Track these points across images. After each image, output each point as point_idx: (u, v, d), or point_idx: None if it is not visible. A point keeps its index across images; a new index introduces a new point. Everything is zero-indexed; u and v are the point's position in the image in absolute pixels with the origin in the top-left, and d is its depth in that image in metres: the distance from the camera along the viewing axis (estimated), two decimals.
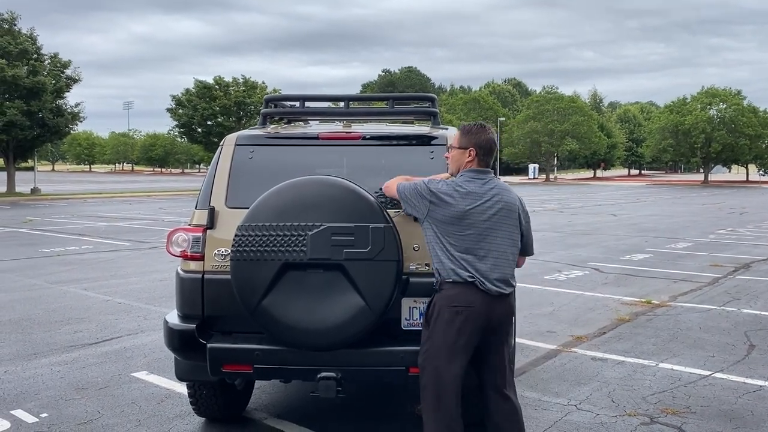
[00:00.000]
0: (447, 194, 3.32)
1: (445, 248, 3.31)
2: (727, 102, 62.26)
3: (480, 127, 3.50)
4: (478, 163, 3.44)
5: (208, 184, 3.99)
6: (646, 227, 19.03)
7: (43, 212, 25.48)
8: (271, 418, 4.71)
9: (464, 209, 3.30)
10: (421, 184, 3.41)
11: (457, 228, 3.30)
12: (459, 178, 3.42)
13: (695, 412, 4.79)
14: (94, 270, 11.34)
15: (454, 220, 3.30)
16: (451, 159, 3.52)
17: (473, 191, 3.35)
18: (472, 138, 3.45)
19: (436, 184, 3.38)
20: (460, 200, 3.31)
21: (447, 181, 3.41)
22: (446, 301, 3.28)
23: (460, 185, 3.36)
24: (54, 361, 6.05)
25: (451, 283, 3.28)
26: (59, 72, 38.17)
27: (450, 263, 3.29)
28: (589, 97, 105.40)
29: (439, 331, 3.28)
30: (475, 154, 3.42)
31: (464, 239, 3.29)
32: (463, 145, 3.46)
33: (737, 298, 8.80)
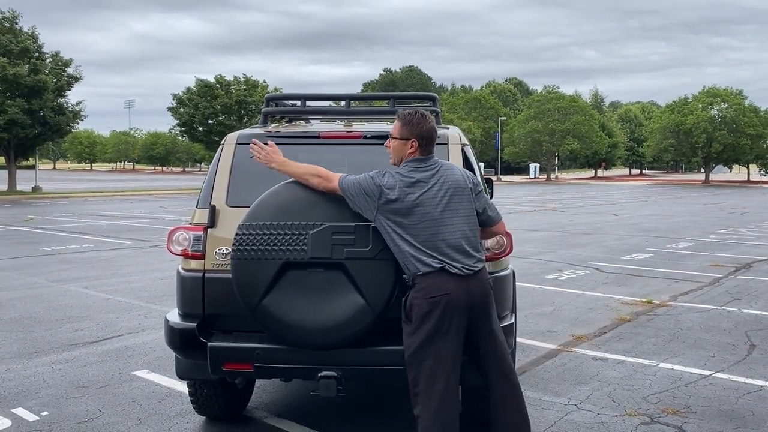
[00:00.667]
0: (393, 187, 3.30)
1: (407, 241, 3.28)
2: (729, 102, 62.19)
3: (420, 116, 3.44)
4: (420, 153, 3.41)
5: (209, 182, 3.99)
6: (646, 227, 19.02)
7: (44, 211, 25.49)
8: (271, 416, 4.72)
9: (413, 199, 3.28)
10: (365, 179, 3.37)
11: (411, 219, 3.28)
12: (402, 169, 3.38)
13: (696, 412, 4.79)
14: (95, 268, 11.35)
15: (407, 211, 3.28)
16: (393, 150, 3.48)
17: (419, 180, 3.33)
18: (413, 129, 3.40)
19: (380, 179, 3.34)
20: (408, 191, 3.29)
21: (391, 173, 3.37)
22: (422, 294, 3.25)
23: (405, 176, 3.34)
24: (54, 360, 6.06)
25: (422, 275, 3.26)
26: (60, 70, 38.20)
27: (415, 255, 3.26)
28: (590, 97, 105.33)
29: (420, 325, 3.25)
30: (417, 145, 3.39)
31: (422, 229, 3.27)
32: (404, 135, 3.42)
33: (738, 298, 8.80)
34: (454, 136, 4.08)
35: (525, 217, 22.48)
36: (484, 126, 73.57)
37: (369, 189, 3.33)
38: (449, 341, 3.25)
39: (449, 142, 4.01)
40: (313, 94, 4.86)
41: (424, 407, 3.25)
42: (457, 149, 3.99)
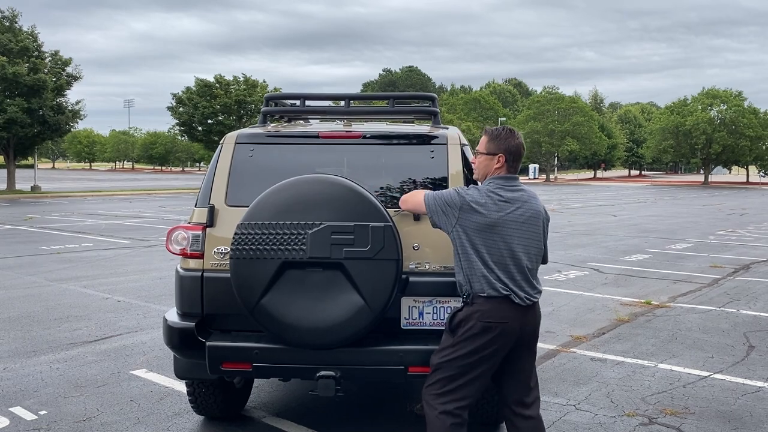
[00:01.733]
0: (478, 203, 3.21)
1: (482, 258, 3.19)
2: (728, 103, 62.24)
3: (509, 132, 3.35)
4: (507, 170, 3.31)
5: (208, 182, 3.98)
6: (646, 228, 19.03)
7: (43, 210, 25.48)
8: (269, 416, 4.71)
9: (497, 218, 3.19)
10: (450, 192, 3.30)
11: (488, 237, 3.18)
12: (489, 185, 3.28)
13: (694, 413, 4.79)
14: (94, 268, 11.34)
15: (487, 228, 3.18)
16: (478, 165, 3.38)
17: (507, 199, 3.24)
18: (501, 143, 3.31)
19: (466, 191, 3.26)
20: (494, 208, 3.20)
21: (478, 188, 3.29)
22: (478, 315, 3.18)
23: (493, 192, 3.24)
24: (53, 359, 6.05)
25: (485, 297, 3.18)
26: (60, 69, 38.16)
27: (486, 275, 3.18)
28: (590, 98, 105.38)
29: (466, 342, 3.20)
30: (504, 160, 3.29)
31: (497, 249, 3.18)
32: (492, 150, 3.32)
33: (737, 299, 8.80)
34: (453, 136, 4.08)
35: None
36: (483, 126, 73.51)
37: (451, 199, 3.25)
38: (486, 363, 3.23)
39: (449, 143, 4.00)
40: (312, 93, 4.85)
41: (435, 408, 3.25)
42: (457, 149, 3.99)
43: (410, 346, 3.62)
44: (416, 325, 3.76)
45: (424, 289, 3.73)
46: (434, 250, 3.76)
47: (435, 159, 3.95)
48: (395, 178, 3.93)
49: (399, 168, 3.98)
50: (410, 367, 3.60)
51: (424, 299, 3.75)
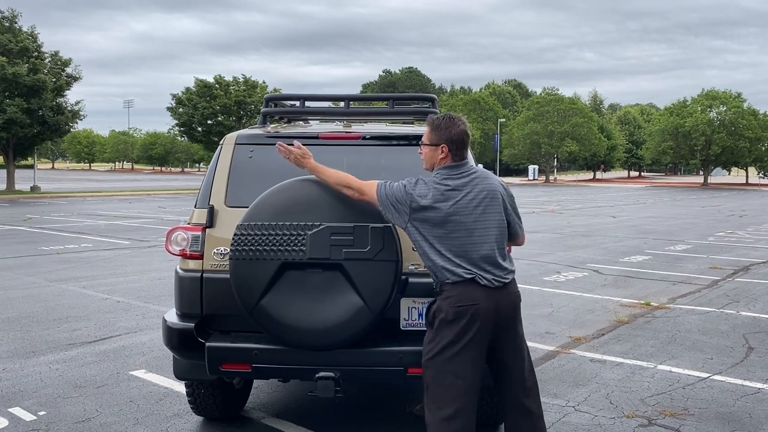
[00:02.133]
0: (425, 196, 3.20)
1: (437, 251, 3.19)
2: (727, 104, 62.29)
3: (449, 119, 3.32)
4: (452, 158, 3.30)
5: (208, 183, 3.99)
6: (645, 229, 19.03)
7: (42, 210, 25.47)
8: (269, 417, 4.71)
9: (447, 208, 3.18)
10: (398, 188, 3.27)
11: (444, 229, 3.18)
12: (435, 176, 3.27)
13: (693, 414, 4.79)
14: (93, 268, 11.34)
15: (440, 220, 3.18)
16: (424, 156, 3.39)
17: (454, 187, 3.22)
18: (442, 133, 3.29)
19: (412, 187, 3.24)
20: (441, 198, 3.19)
21: (424, 180, 3.27)
22: (448, 302, 3.16)
23: (439, 183, 3.23)
24: (52, 359, 6.05)
25: (451, 284, 3.17)
26: (60, 70, 38.17)
27: (444, 264, 3.18)
28: (590, 99, 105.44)
29: (444, 332, 3.17)
30: (447, 150, 3.28)
31: (454, 239, 3.18)
32: (434, 141, 3.31)
33: (736, 301, 8.81)
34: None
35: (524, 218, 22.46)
36: (483, 128, 73.63)
37: (400, 197, 3.24)
38: (469, 351, 3.17)
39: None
40: (312, 94, 4.85)
41: (434, 414, 3.19)
42: None
43: (410, 347, 3.62)
44: (416, 326, 3.76)
45: (423, 289, 3.72)
46: None
47: None
48: (395, 179, 3.92)
49: (399, 169, 3.97)
50: (409, 368, 3.60)
51: (423, 300, 3.75)
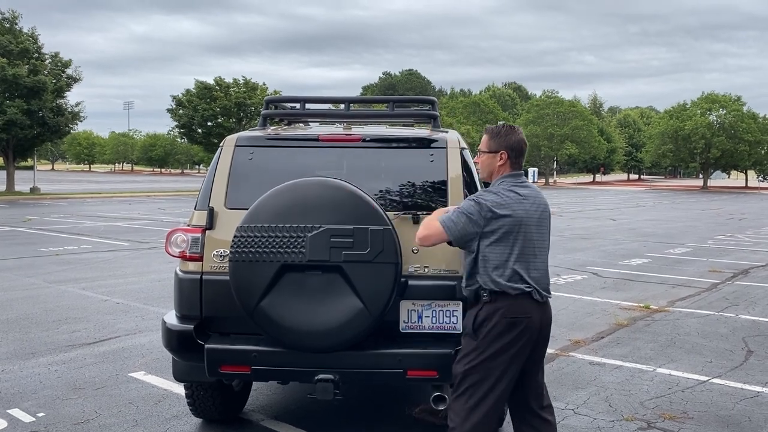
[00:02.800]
0: (501, 204, 3.16)
1: (500, 258, 3.16)
2: (727, 108, 62.28)
3: (509, 128, 3.33)
4: (511, 166, 3.29)
5: (208, 184, 3.99)
6: (645, 232, 19.04)
7: (42, 211, 25.46)
8: (268, 419, 4.71)
9: (521, 215, 3.17)
10: (468, 206, 3.18)
11: (510, 239, 3.16)
12: (504, 184, 3.25)
13: (693, 418, 4.79)
14: (93, 270, 11.33)
15: (510, 229, 3.15)
16: (482, 164, 3.36)
17: (524, 195, 3.22)
18: (501, 140, 3.29)
19: (483, 199, 3.17)
20: (517, 206, 3.18)
21: (493, 191, 3.23)
22: (503, 312, 3.13)
23: (510, 190, 3.21)
24: (51, 361, 6.05)
25: (505, 295, 3.15)
26: (60, 71, 38.19)
27: (505, 273, 3.15)
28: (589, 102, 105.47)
29: (489, 343, 3.14)
30: (507, 157, 3.28)
31: (521, 247, 3.16)
32: (493, 148, 3.30)
33: (735, 304, 8.81)
34: (452, 140, 4.08)
35: None
36: (482, 130, 73.55)
37: (476, 210, 3.16)
38: (513, 362, 3.17)
39: (448, 146, 4.01)
40: (312, 97, 4.86)
41: (463, 422, 3.16)
42: (456, 153, 3.99)
43: (409, 350, 3.62)
44: (415, 329, 3.76)
45: (423, 292, 3.73)
46: (433, 254, 3.77)
47: (434, 162, 3.96)
48: (395, 182, 3.93)
49: (398, 171, 3.99)
50: (409, 370, 3.60)
51: (423, 302, 3.75)
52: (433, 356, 3.61)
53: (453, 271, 3.77)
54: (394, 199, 3.86)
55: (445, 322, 3.76)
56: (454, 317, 3.76)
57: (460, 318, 3.75)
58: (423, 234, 3.29)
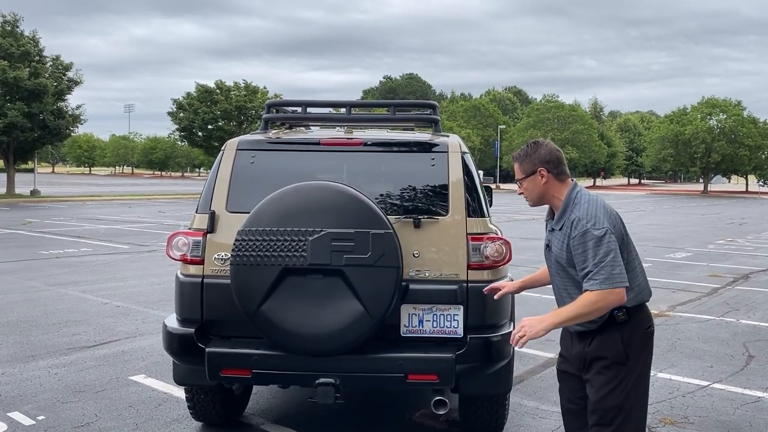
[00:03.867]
0: (615, 223, 2.86)
1: (637, 266, 2.95)
2: (727, 112, 62.37)
3: (533, 143, 3.04)
4: (557, 178, 2.97)
5: (209, 188, 3.99)
6: (645, 237, 19.03)
7: (42, 214, 25.47)
8: (268, 423, 4.70)
9: (622, 225, 2.94)
10: (609, 241, 2.76)
11: (630, 246, 2.96)
12: (594, 198, 2.89)
13: (693, 423, 4.78)
14: (93, 273, 11.33)
15: (626, 239, 2.93)
16: (527, 191, 3.05)
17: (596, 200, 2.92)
18: (533, 158, 2.98)
19: (602, 224, 2.79)
20: (616, 219, 2.91)
21: (595, 213, 2.82)
22: (644, 324, 2.93)
23: (603, 207, 2.87)
24: (51, 364, 6.04)
25: (641, 306, 2.94)
26: (61, 74, 38.25)
27: (641, 282, 2.94)
28: (590, 106, 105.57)
29: (643, 363, 2.93)
30: (546, 171, 2.96)
31: (626, 253, 2.92)
32: (528, 170, 2.99)
33: (736, 309, 8.80)
34: (454, 144, 4.09)
35: (524, 225, 22.48)
36: (483, 134, 73.71)
37: (610, 240, 2.77)
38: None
39: (449, 150, 4.02)
40: (313, 100, 4.87)
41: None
42: (457, 157, 4.00)
43: (410, 354, 3.62)
44: (416, 333, 3.76)
45: (424, 296, 3.73)
46: (434, 258, 3.77)
47: (435, 166, 3.96)
48: (396, 186, 3.94)
49: (399, 175, 4.00)
50: (410, 374, 3.60)
51: (424, 307, 3.75)
52: (433, 360, 3.61)
53: (454, 275, 3.77)
54: (395, 203, 3.86)
55: (445, 326, 3.76)
56: (454, 321, 3.76)
57: (460, 322, 3.76)
58: (600, 305, 2.75)
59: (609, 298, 2.73)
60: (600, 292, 2.72)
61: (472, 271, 3.79)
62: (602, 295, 2.72)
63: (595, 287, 2.73)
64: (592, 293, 2.74)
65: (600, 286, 2.72)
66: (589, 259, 2.76)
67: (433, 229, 3.80)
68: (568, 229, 2.87)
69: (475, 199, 3.94)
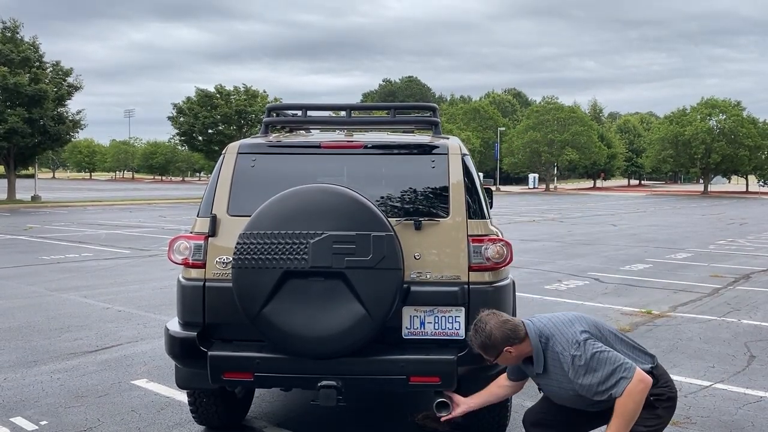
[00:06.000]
0: (591, 332, 3.29)
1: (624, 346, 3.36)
2: (727, 113, 62.39)
3: (483, 331, 3.28)
4: (521, 341, 3.31)
5: (210, 192, 4.00)
6: (646, 237, 19.03)
7: (43, 220, 25.48)
8: (270, 426, 4.71)
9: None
10: (612, 355, 3.14)
11: (604, 333, 3.38)
12: (545, 331, 3.33)
13: (696, 423, 4.79)
14: (94, 277, 11.34)
15: (599, 332, 3.35)
16: (504, 363, 3.44)
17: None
18: (496, 344, 3.27)
19: (577, 336, 3.23)
20: (582, 320, 3.39)
21: (574, 332, 3.26)
22: (670, 385, 3.36)
23: (559, 322, 3.36)
24: (53, 369, 6.05)
25: (656, 366, 3.36)
26: (61, 80, 38.30)
27: (639, 354, 3.39)
28: (589, 108, 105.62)
29: (667, 414, 3.30)
30: (511, 345, 3.29)
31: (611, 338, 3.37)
32: (496, 354, 3.30)
33: (737, 309, 8.80)
34: (454, 146, 4.10)
35: (524, 227, 22.49)
36: (483, 136, 73.79)
37: (597, 344, 3.22)
38: None
39: (449, 152, 4.02)
40: (314, 104, 4.88)
41: None
42: (458, 159, 4.01)
43: (412, 356, 3.63)
44: (418, 335, 3.76)
45: (425, 298, 3.74)
46: (435, 260, 3.78)
47: (436, 169, 3.97)
48: (396, 188, 3.95)
49: (400, 178, 4.00)
50: (412, 376, 3.61)
51: (425, 309, 3.76)
52: (435, 362, 3.62)
53: (455, 277, 3.78)
54: (396, 206, 3.87)
55: (447, 328, 3.77)
56: (456, 323, 3.77)
57: (462, 324, 3.76)
58: (637, 399, 3.06)
59: (638, 389, 3.02)
60: (630, 394, 3.00)
61: (473, 273, 3.80)
62: (632, 392, 3.01)
63: (625, 384, 3.02)
64: (622, 398, 3.02)
65: (627, 377, 3.03)
66: (595, 380, 3.07)
67: (434, 231, 3.81)
68: (560, 368, 3.19)
69: (475, 200, 3.95)
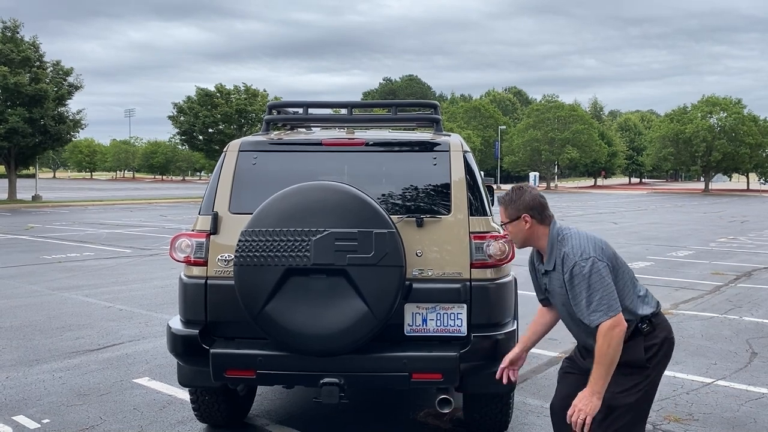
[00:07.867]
0: (603, 248, 3.04)
1: (632, 286, 3.10)
2: (728, 111, 62.34)
3: (518, 189, 3.13)
4: (541, 222, 3.08)
5: (212, 190, 4.00)
6: (647, 235, 19.02)
7: (44, 219, 25.49)
8: (273, 424, 4.71)
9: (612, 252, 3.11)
10: (602, 274, 2.91)
11: (621, 269, 3.09)
12: (573, 232, 3.06)
13: (698, 420, 4.79)
14: (96, 277, 11.34)
15: (615, 262, 3.07)
16: (512, 235, 3.16)
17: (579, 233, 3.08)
18: (518, 204, 3.08)
19: (595, 258, 2.94)
20: (602, 245, 3.06)
21: (580, 245, 2.98)
22: (665, 332, 3.09)
23: (588, 236, 3.05)
24: (56, 367, 6.05)
25: (658, 314, 3.10)
26: (61, 79, 38.29)
27: (647, 295, 3.16)
28: (590, 106, 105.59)
29: (661, 369, 3.09)
30: (530, 216, 3.06)
31: (627, 273, 3.12)
32: (513, 215, 3.09)
33: (739, 306, 8.80)
34: (455, 143, 4.10)
35: None
36: (483, 135, 73.77)
37: (600, 267, 2.94)
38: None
39: (451, 149, 4.02)
40: (315, 101, 4.88)
41: None
42: (459, 156, 4.01)
43: (414, 353, 3.63)
44: (420, 332, 3.77)
45: (427, 295, 3.74)
46: (437, 257, 3.78)
47: (437, 166, 3.97)
48: (398, 185, 3.95)
49: (401, 175, 4.00)
50: (414, 373, 3.61)
51: (427, 306, 3.76)
52: (438, 359, 3.62)
53: (457, 274, 3.78)
54: (398, 203, 3.87)
55: (449, 325, 3.77)
56: (458, 320, 3.77)
57: (464, 321, 3.76)
58: (614, 343, 2.86)
59: (614, 333, 2.85)
60: (606, 335, 2.84)
61: (475, 270, 3.80)
62: (607, 334, 2.85)
63: (603, 318, 2.86)
64: (598, 341, 2.86)
65: (607, 315, 2.86)
66: (583, 293, 2.91)
67: (435, 228, 3.81)
68: (561, 266, 3.01)
69: (477, 197, 3.95)
